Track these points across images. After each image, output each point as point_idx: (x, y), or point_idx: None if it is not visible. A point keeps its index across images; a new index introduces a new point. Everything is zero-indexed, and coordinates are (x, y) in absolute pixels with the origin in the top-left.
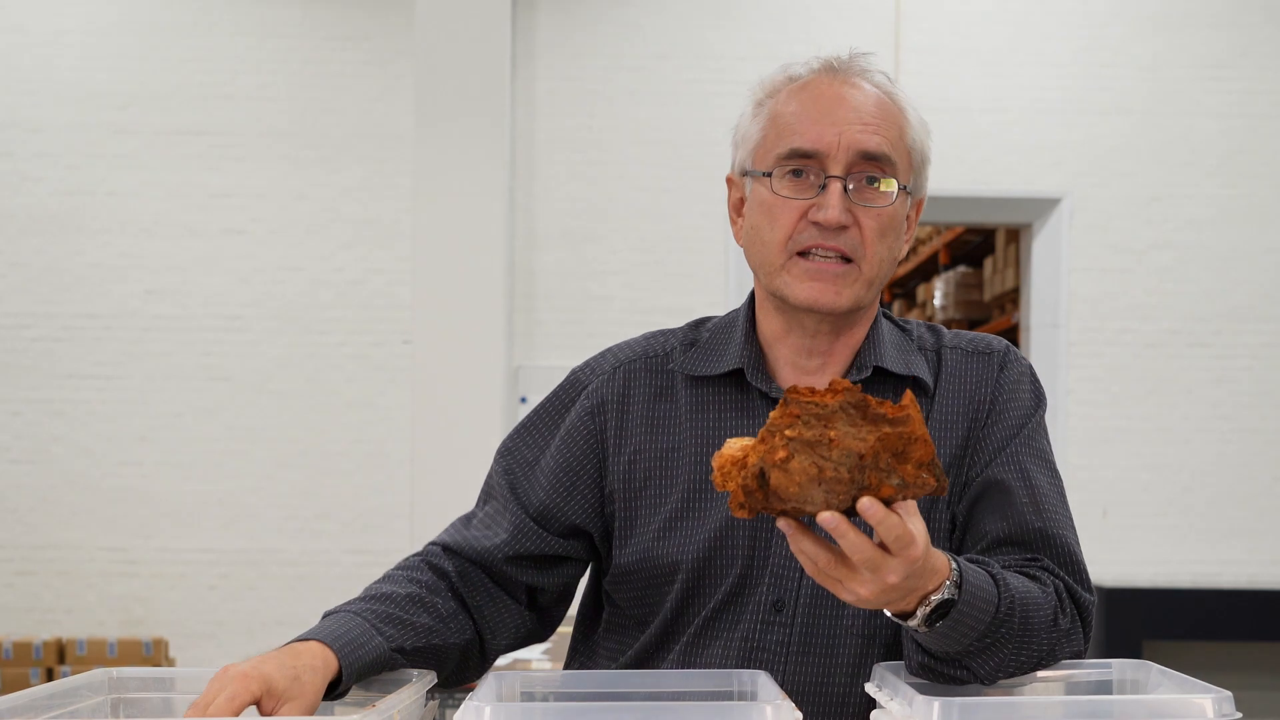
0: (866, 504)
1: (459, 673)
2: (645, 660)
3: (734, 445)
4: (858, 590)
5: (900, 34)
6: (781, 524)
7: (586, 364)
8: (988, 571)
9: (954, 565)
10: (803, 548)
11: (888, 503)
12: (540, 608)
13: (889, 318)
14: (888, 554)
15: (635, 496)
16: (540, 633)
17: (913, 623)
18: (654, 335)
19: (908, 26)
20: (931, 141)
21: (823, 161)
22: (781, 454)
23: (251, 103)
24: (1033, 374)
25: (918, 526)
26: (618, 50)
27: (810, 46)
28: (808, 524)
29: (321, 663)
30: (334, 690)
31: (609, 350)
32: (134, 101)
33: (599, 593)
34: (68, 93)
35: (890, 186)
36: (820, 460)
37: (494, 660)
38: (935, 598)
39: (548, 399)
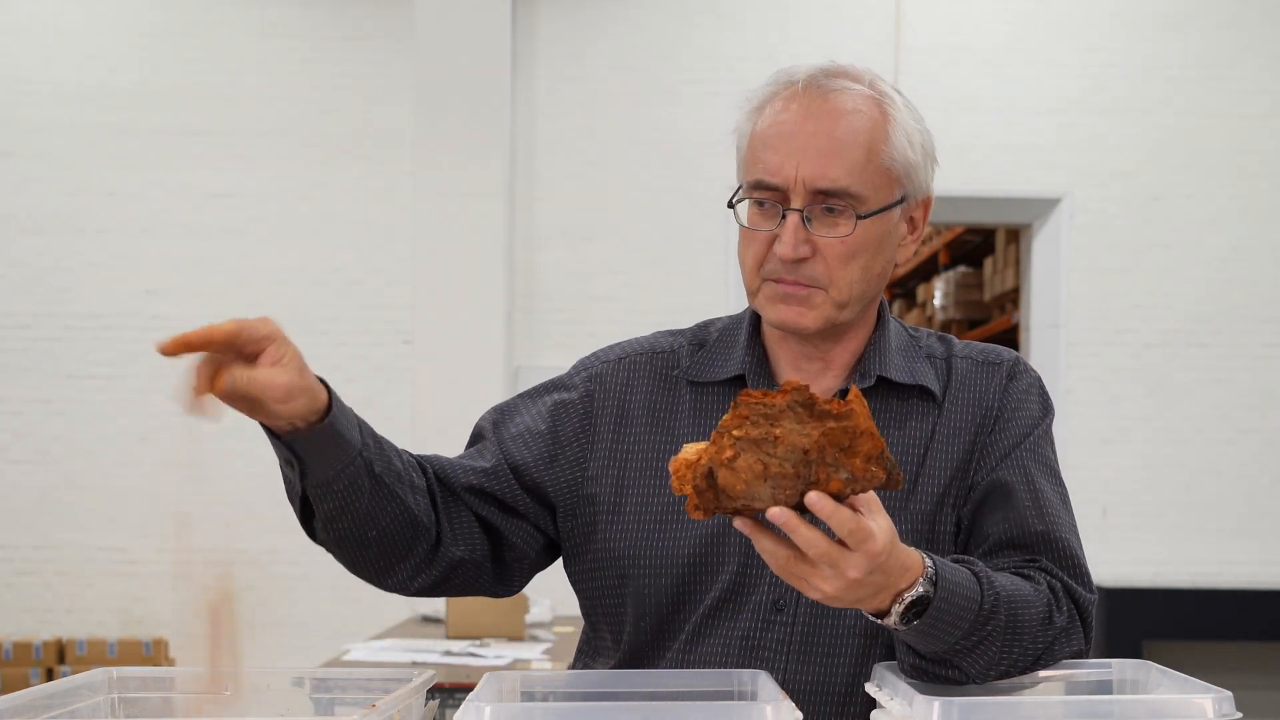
0: (814, 498)
1: (404, 553)
2: (644, 651)
3: (689, 450)
4: (822, 587)
5: (900, 34)
6: (738, 524)
7: (593, 354)
8: (971, 570)
9: (928, 563)
10: (763, 546)
11: (839, 497)
12: (501, 559)
13: (898, 324)
14: (845, 549)
15: (627, 485)
16: (492, 583)
17: (889, 621)
18: (662, 333)
19: (908, 27)
20: (929, 141)
21: (784, 194)
22: (729, 453)
23: (252, 103)
24: (1041, 385)
25: (879, 522)
26: (618, 50)
27: (811, 47)
28: (767, 524)
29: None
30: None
31: (616, 344)
32: (134, 101)
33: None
34: (68, 93)
35: (848, 218)
36: (765, 457)
37: (441, 569)
38: (909, 595)
39: (550, 379)
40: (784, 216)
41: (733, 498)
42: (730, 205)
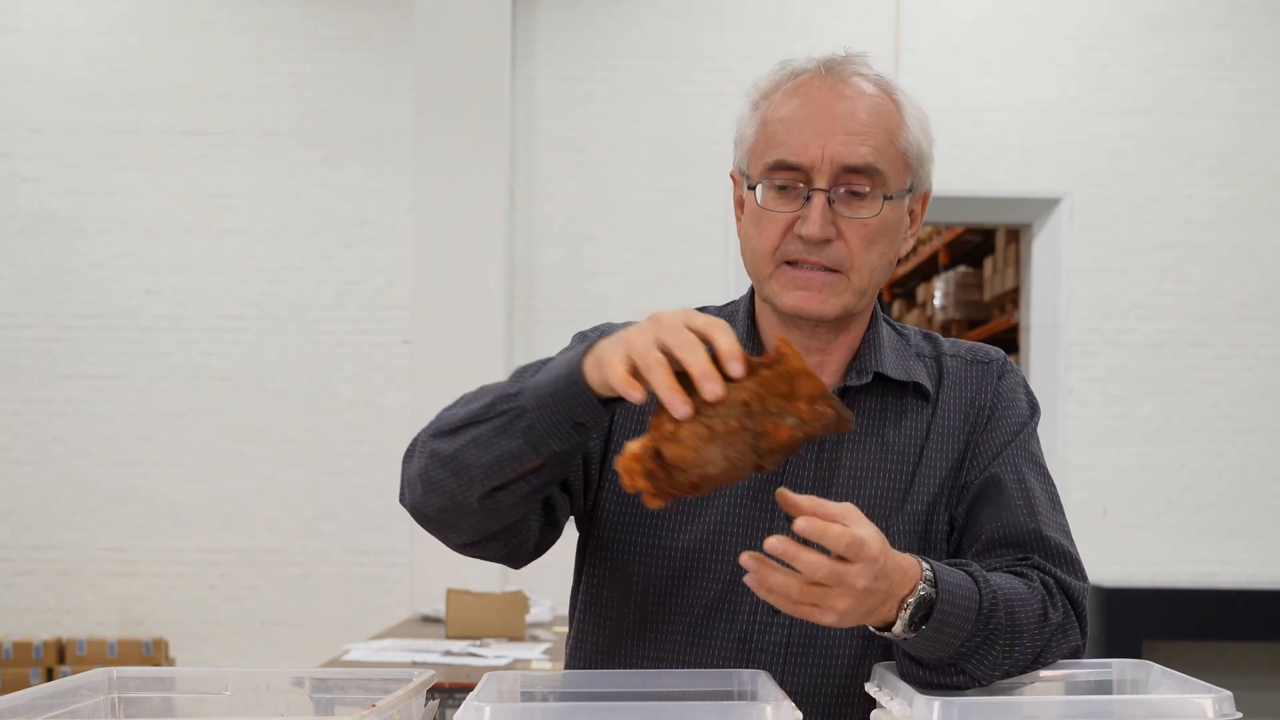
0: (803, 524)
1: (516, 535)
2: (637, 648)
3: (629, 446)
4: (835, 605)
5: (900, 35)
6: (744, 560)
7: (593, 328)
8: (965, 570)
9: (924, 565)
10: (772, 585)
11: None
12: (547, 526)
13: (888, 322)
14: (847, 562)
15: None
16: (530, 550)
17: (897, 629)
18: None
19: (908, 27)
20: (932, 134)
21: (808, 174)
22: (669, 427)
23: (252, 103)
24: (1027, 384)
25: (867, 530)
26: (618, 50)
27: (810, 47)
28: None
29: None
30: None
31: (612, 323)
32: (134, 101)
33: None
34: (68, 93)
35: (875, 199)
36: (708, 419)
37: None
38: (911, 600)
39: (567, 351)
40: (808, 198)
41: (685, 469)
42: (750, 188)
